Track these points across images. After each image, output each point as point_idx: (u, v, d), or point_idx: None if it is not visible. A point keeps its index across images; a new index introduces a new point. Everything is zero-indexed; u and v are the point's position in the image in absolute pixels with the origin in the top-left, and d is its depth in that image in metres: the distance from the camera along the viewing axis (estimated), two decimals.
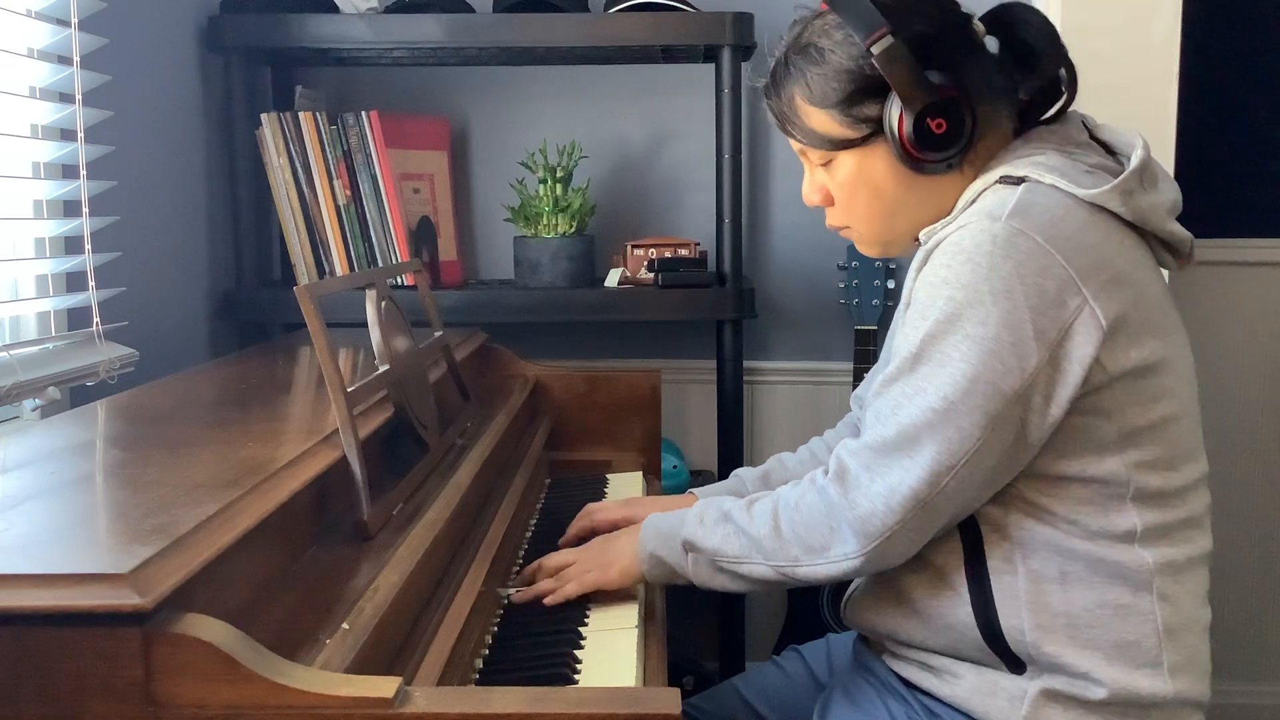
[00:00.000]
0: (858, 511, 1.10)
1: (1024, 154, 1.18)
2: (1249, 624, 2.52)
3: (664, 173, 2.42)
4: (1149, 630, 1.12)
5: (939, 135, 1.16)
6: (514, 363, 1.92)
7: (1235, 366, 2.47)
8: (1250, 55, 2.43)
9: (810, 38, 1.21)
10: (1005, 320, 1.07)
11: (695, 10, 2.10)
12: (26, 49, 1.55)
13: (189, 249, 2.04)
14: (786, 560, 1.15)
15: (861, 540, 1.10)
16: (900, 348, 1.13)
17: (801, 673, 1.45)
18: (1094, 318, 1.08)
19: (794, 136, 1.25)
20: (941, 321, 1.09)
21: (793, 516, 1.15)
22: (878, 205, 1.24)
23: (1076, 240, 1.10)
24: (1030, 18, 1.22)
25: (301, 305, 1.10)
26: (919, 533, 1.11)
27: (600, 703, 0.78)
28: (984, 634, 1.14)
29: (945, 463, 1.08)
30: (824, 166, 1.25)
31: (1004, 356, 1.07)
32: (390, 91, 2.37)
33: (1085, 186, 1.13)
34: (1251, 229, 2.45)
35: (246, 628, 0.77)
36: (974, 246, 1.09)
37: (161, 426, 1.23)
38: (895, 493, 1.09)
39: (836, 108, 1.20)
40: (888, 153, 1.19)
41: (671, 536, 1.22)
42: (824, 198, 1.28)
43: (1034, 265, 1.08)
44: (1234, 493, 2.48)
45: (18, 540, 0.82)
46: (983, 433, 1.08)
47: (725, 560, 1.19)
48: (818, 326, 2.42)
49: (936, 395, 1.08)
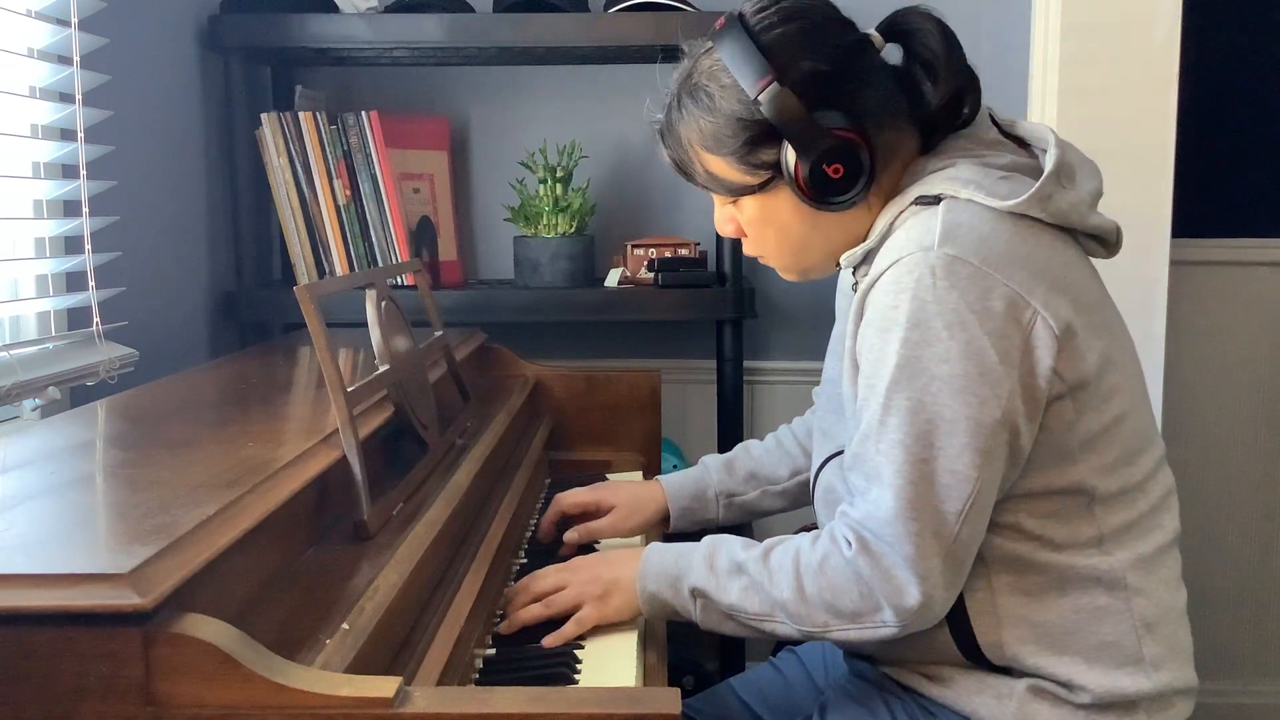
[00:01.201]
0: (892, 585, 1.06)
1: (935, 169, 1.15)
2: (1248, 623, 2.52)
3: (664, 173, 2.39)
4: (1126, 628, 1.12)
5: (837, 180, 1.13)
6: (514, 363, 1.92)
7: (1235, 366, 2.47)
8: (1250, 55, 2.43)
9: (699, 79, 1.19)
10: (966, 353, 1.04)
11: (695, 10, 2.10)
12: (26, 49, 1.55)
13: (189, 249, 2.04)
14: (815, 626, 1.11)
15: (900, 613, 1.07)
16: (867, 399, 1.09)
17: (798, 674, 1.45)
18: (1047, 326, 1.07)
19: (695, 183, 1.24)
20: (902, 366, 1.06)
21: (818, 581, 1.10)
22: (787, 243, 1.23)
23: (1009, 255, 1.08)
24: (923, 24, 1.18)
25: (301, 305, 1.10)
26: (951, 587, 1.08)
27: (600, 703, 0.78)
28: (964, 651, 1.15)
29: (952, 509, 1.05)
30: (732, 204, 1.24)
31: (976, 390, 1.05)
32: (390, 91, 2.37)
33: (1002, 196, 1.10)
34: (1251, 229, 2.45)
35: (246, 628, 0.77)
36: (914, 281, 1.06)
37: (161, 426, 1.23)
38: (918, 561, 1.05)
39: (733, 155, 1.18)
40: (790, 194, 1.17)
41: (677, 579, 1.17)
42: (736, 229, 1.26)
43: (977, 290, 1.05)
44: (1233, 492, 2.48)
45: (18, 540, 0.82)
46: (979, 471, 1.05)
47: (744, 617, 1.14)
48: (818, 326, 2.42)
49: (920, 445, 1.05)
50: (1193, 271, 2.38)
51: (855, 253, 1.19)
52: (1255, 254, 2.46)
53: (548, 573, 1.23)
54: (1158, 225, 1.91)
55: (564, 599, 1.19)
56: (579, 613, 1.18)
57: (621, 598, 1.19)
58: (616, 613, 1.19)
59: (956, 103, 1.19)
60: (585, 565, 1.23)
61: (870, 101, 1.15)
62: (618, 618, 1.20)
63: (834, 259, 1.22)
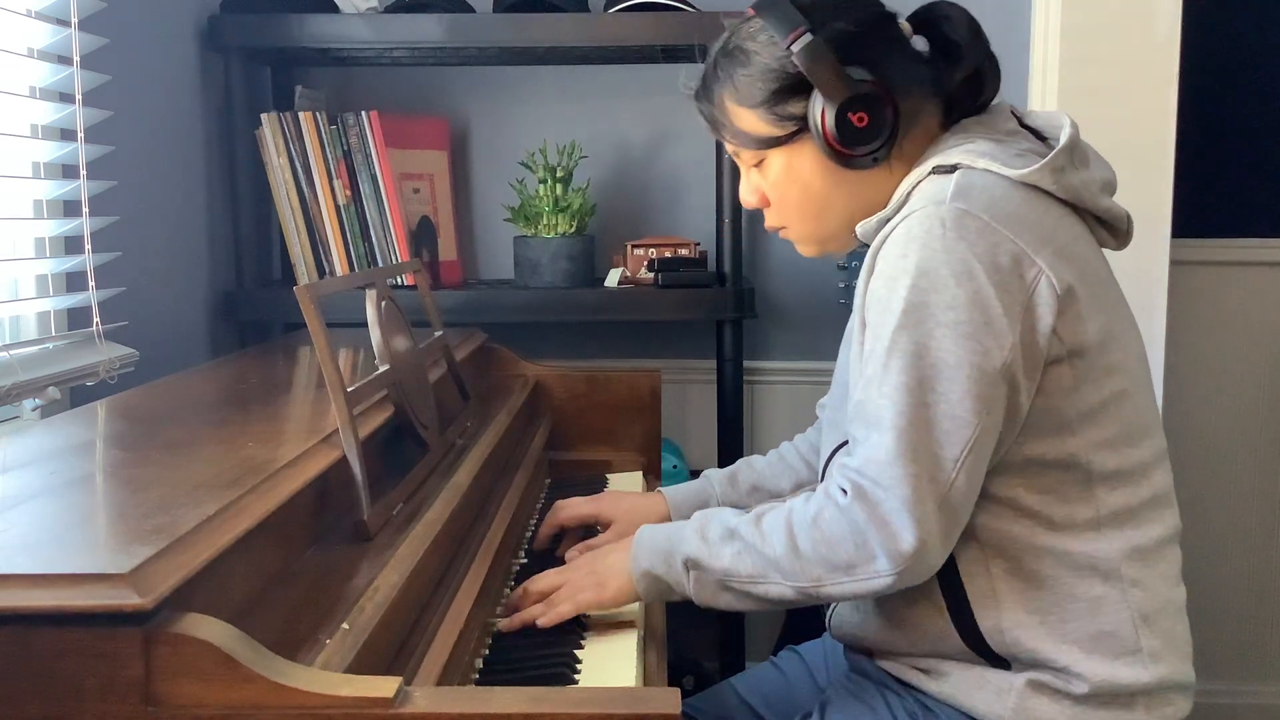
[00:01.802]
0: (887, 531, 1.06)
1: (953, 144, 1.20)
2: (1248, 623, 2.52)
3: (664, 173, 2.42)
4: (1124, 619, 1.13)
5: (861, 129, 1.18)
6: (514, 363, 1.92)
7: (1235, 366, 2.47)
8: (1250, 55, 2.43)
9: (737, 41, 1.25)
10: (973, 301, 1.07)
11: (695, 10, 2.10)
12: (26, 49, 1.55)
13: (189, 249, 2.04)
14: (809, 580, 1.11)
15: (895, 560, 1.06)
16: (871, 348, 1.11)
17: (799, 673, 1.45)
18: (1050, 286, 1.09)
19: (724, 138, 1.28)
20: (908, 313, 1.08)
21: (812, 535, 1.10)
22: (808, 203, 1.26)
23: (1019, 217, 1.11)
24: (951, 13, 1.25)
25: (301, 305, 1.10)
26: (946, 538, 1.09)
27: (600, 703, 0.78)
28: (964, 638, 1.15)
29: (950, 454, 1.07)
30: (757, 168, 1.28)
31: (980, 338, 1.07)
32: (390, 91, 2.37)
33: (1017, 168, 1.15)
34: (1251, 229, 2.45)
35: (246, 628, 0.77)
36: (924, 232, 1.09)
37: (161, 426, 1.23)
38: (915, 505, 1.06)
39: (762, 106, 1.22)
40: (815, 150, 1.21)
41: (670, 554, 1.18)
42: (760, 199, 1.30)
43: (985, 243, 1.08)
44: (1233, 492, 2.48)
45: (18, 540, 0.82)
46: (978, 418, 1.07)
47: (737, 581, 1.14)
48: (818, 326, 2.42)
49: (922, 390, 1.07)
50: (1193, 271, 2.38)
51: (870, 222, 1.21)
52: (1255, 254, 2.46)
53: (545, 574, 1.24)
54: (1158, 225, 1.91)
55: (564, 595, 1.20)
56: (577, 597, 1.20)
57: (617, 582, 1.20)
58: (614, 598, 1.20)
59: (977, 82, 1.24)
60: (580, 563, 1.25)
61: (896, 67, 1.20)
62: (615, 603, 1.21)
63: (853, 226, 1.24)
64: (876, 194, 1.22)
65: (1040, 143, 1.23)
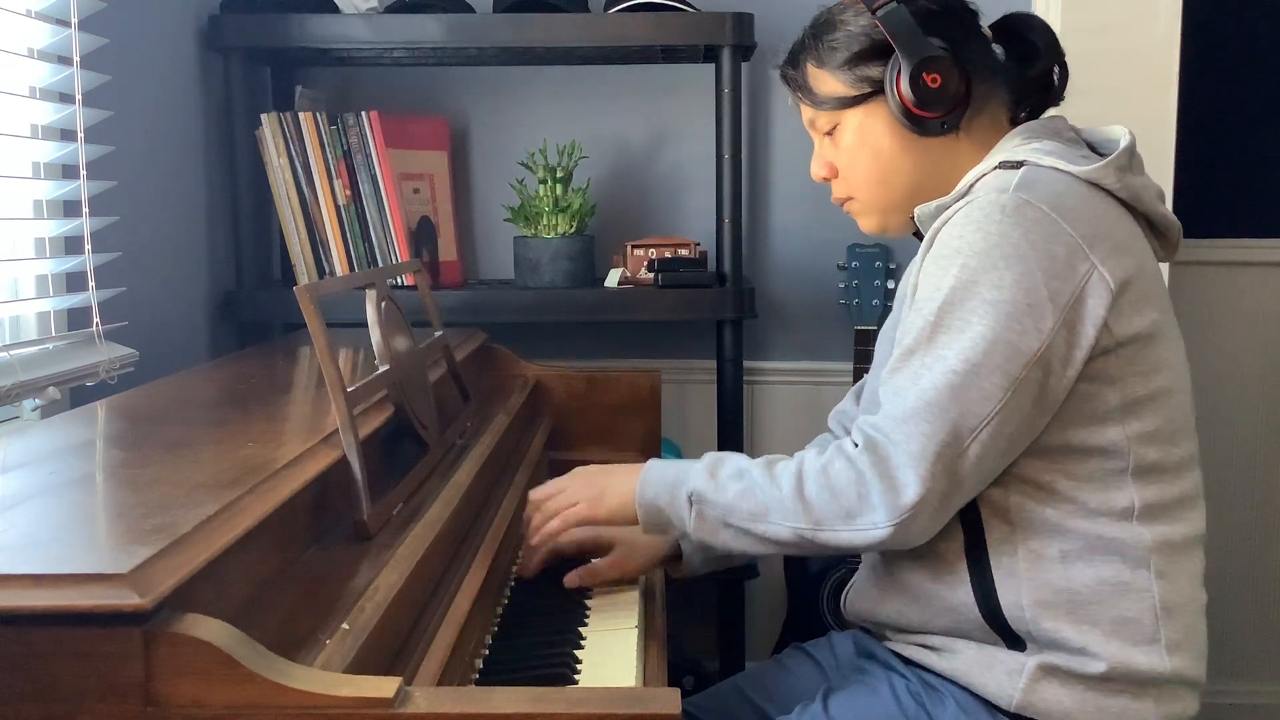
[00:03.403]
0: (889, 482, 1.10)
1: (1019, 142, 1.24)
2: (1249, 623, 2.52)
3: (664, 173, 2.41)
4: (1146, 607, 1.14)
5: (933, 90, 1.22)
6: (514, 363, 1.92)
7: (1235, 366, 2.47)
8: (1250, 55, 2.43)
9: (829, 15, 1.32)
10: (1020, 283, 1.10)
11: (695, 10, 2.10)
12: (26, 49, 1.55)
13: (189, 249, 2.04)
14: (808, 524, 1.13)
15: (891, 511, 1.09)
16: (914, 321, 1.15)
17: (806, 668, 1.44)
18: (1103, 280, 1.12)
19: (802, 99, 1.33)
20: (957, 289, 1.12)
21: (819, 480, 1.13)
22: (876, 167, 1.30)
23: (1079, 211, 1.15)
24: (1034, 23, 1.32)
25: (301, 305, 1.10)
26: (944, 504, 1.11)
27: (600, 703, 0.78)
28: (983, 613, 1.16)
29: (968, 424, 1.09)
30: (829, 136, 1.32)
31: (1021, 319, 1.10)
32: (390, 91, 2.37)
33: (1081, 167, 1.19)
34: (1251, 229, 2.45)
35: (246, 628, 0.77)
36: (983, 216, 1.13)
37: (161, 426, 1.23)
38: (921, 461, 1.09)
39: (842, 68, 1.28)
40: (887, 113, 1.26)
41: (676, 485, 1.20)
42: (829, 170, 1.34)
43: (1042, 232, 1.12)
44: (1233, 492, 2.48)
45: (18, 540, 0.82)
46: (1004, 394, 1.09)
47: (738, 518, 1.16)
48: (818, 326, 2.42)
49: (957, 359, 1.10)
50: (1193, 271, 2.38)
51: (929, 207, 1.25)
52: (1255, 254, 2.46)
53: (546, 483, 1.32)
54: None
55: (559, 501, 1.28)
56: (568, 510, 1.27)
57: (617, 499, 1.25)
58: (608, 516, 1.26)
59: (1048, 81, 1.30)
60: (584, 473, 1.31)
61: (971, 50, 1.26)
62: (607, 521, 1.27)
63: (915, 200, 1.28)
64: (941, 170, 1.27)
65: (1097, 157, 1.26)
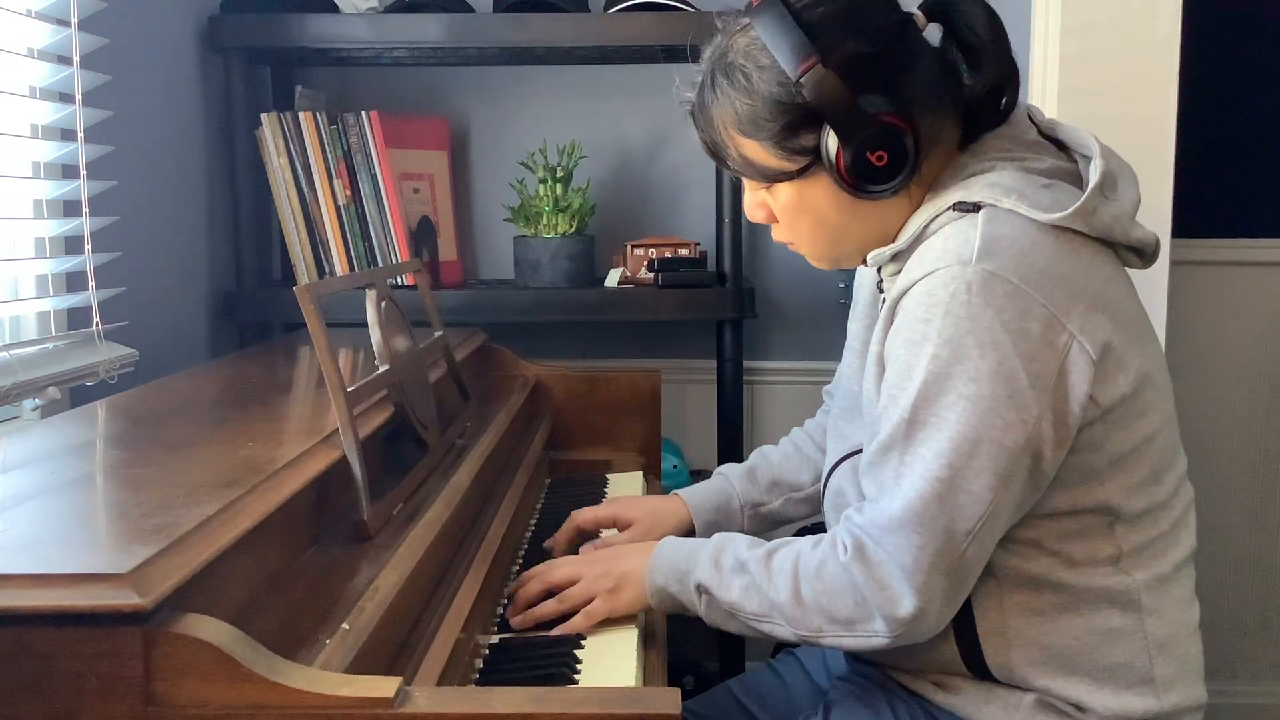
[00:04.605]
0: (886, 594, 1.05)
1: (975, 172, 1.12)
2: (1249, 624, 2.51)
3: (664, 173, 2.41)
4: (1138, 649, 1.12)
5: (881, 167, 1.09)
6: (514, 363, 1.92)
7: (1234, 367, 2.47)
8: (1250, 55, 2.43)
9: (735, 58, 1.14)
10: (997, 373, 1.02)
11: (695, 10, 2.10)
12: (26, 49, 1.55)
13: (189, 249, 2.04)
14: (809, 630, 1.10)
15: (890, 623, 1.06)
16: (887, 410, 1.08)
17: (798, 678, 1.44)
18: (1083, 351, 1.04)
19: (727, 167, 1.20)
20: (929, 383, 1.04)
21: (814, 585, 1.09)
22: (822, 231, 1.19)
23: (1049, 272, 1.05)
24: (973, 7, 1.15)
25: (301, 305, 1.10)
26: (950, 604, 1.07)
27: (600, 703, 0.78)
28: (970, 668, 1.14)
29: (961, 529, 1.03)
30: (765, 189, 1.20)
31: (1002, 412, 1.02)
32: (390, 91, 2.37)
33: (1045, 207, 1.07)
34: (1251, 229, 2.45)
35: (246, 628, 0.77)
36: (949, 297, 1.03)
37: (161, 426, 1.23)
38: (915, 573, 1.04)
39: (770, 140, 1.13)
40: (829, 181, 1.13)
41: (685, 575, 1.17)
42: (767, 215, 1.22)
43: (1014, 309, 1.03)
44: (1232, 493, 2.48)
45: (18, 540, 0.82)
46: (994, 494, 1.03)
47: (743, 615, 1.14)
48: (818, 326, 2.42)
49: (937, 463, 1.03)
50: (1193, 271, 2.38)
51: (884, 252, 1.16)
52: (1255, 254, 2.46)
53: (561, 563, 1.23)
54: (1158, 225, 1.90)
55: (577, 593, 1.19)
56: (590, 605, 1.18)
57: (632, 591, 1.19)
58: (628, 606, 1.19)
59: (997, 93, 1.15)
60: (599, 559, 1.23)
61: (914, 86, 1.11)
62: (628, 610, 1.19)
63: (866, 250, 1.19)
64: (894, 217, 1.16)
65: (1063, 155, 1.17)
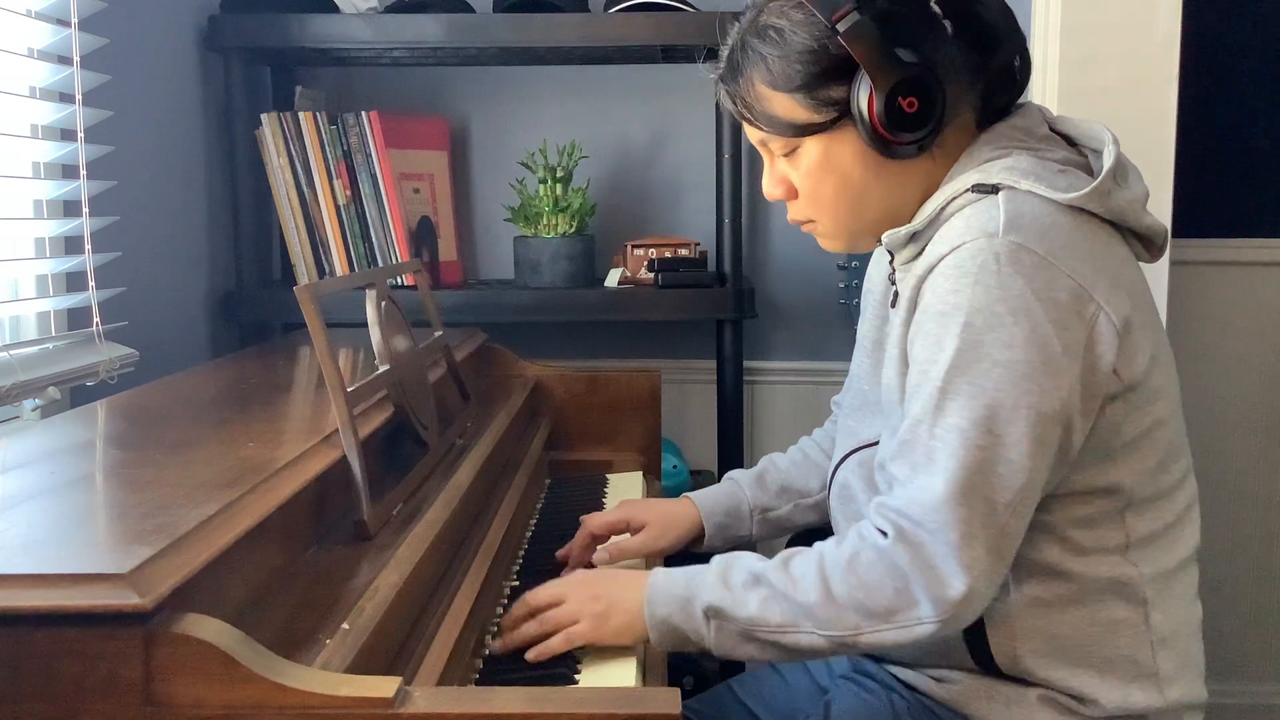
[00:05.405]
0: (933, 575, 1.02)
1: (991, 156, 1.14)
2: (1249, 624, 2.51)
3: (664, 173, 2.42)
4: (1142, 642, 1.12)
5: (911, 115, 1.09)
6: (514, 363, 1.93)
7: (1235, 366, 2.47)
8: (1250, 55, 2.43)
9: (768, 19, 1.15)
10: (1030, 340, 1.02)
11: (695, 10, 2.10)
12: (26, 49, 1.55)
13: (189, 249, 2.04)
14: (844, 629, 1.05)
15: (939, 605, 1.02)
16: (918, 386, 1.07)
17: (799, 676, 1.44)
18: (1109, 323, 1.05)
19: (755, 125, 1.19)
20: (963, 350, 1.03)
21: (847, 580, 1.05)
22: (845, 194, 1.18)
23: (1071, 248, 1.06)
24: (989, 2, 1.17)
25: (301, 305, 1.10)
26: (992, 583, 1.05)
27: (600, 703, 0.78)
28: (976, 659, 1.14)
29: (1002, 499, 1.02)
30: (786, 157, 1.19)
31: (1038, 379, 1.02)
32: (390, 91, 2.37)
33: (1061, 189, 1.09)
34: (1251, 229, 2.45)
35: (246, 628, 0.77)
36: (978, 267, 1.04)
37: (161, 426, 1.23)
38: (964, 549, 1.01)
39: (800, 91, 1.13)
40: (855, 137, 1.13)
41: (689, 601, 1.10)
42: (787, 190, 1.21)
43: (1043, 279, 1.04)
44: (1233, 492, 2.48)
45: (18, 540, 0.82)
46: (1033, 461, 1.03)
47: (764, 631, 1.07)
48: (818, 326, 2.42)
49: (977, 431, 1.02)
50: (1193, 271, 2.38)
51: (899, 233, 1.15)
52: (1255, 254, 2.46)
53: (546, 586, 1.17)
54: None
55: (560, 615, 1.12)
56: (572, 628, 1.11)
57: (622, 619, 1.12)
58: (614, 635, 1.12)
59: (1011, 72, 1.17)
60: (586, 581, 1.17)
61: (939, 50, 1.12)
62: (615, 641, 1.12)
63: (883, 226, 1.18)
64: (911, 188, 1.17)
65: (1072, 150, 1.19)
